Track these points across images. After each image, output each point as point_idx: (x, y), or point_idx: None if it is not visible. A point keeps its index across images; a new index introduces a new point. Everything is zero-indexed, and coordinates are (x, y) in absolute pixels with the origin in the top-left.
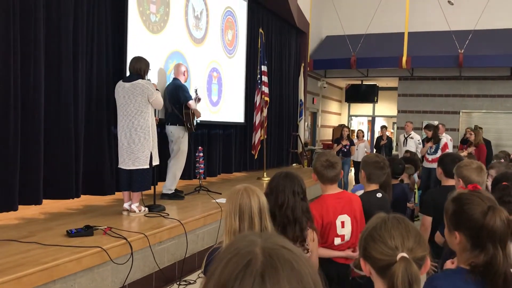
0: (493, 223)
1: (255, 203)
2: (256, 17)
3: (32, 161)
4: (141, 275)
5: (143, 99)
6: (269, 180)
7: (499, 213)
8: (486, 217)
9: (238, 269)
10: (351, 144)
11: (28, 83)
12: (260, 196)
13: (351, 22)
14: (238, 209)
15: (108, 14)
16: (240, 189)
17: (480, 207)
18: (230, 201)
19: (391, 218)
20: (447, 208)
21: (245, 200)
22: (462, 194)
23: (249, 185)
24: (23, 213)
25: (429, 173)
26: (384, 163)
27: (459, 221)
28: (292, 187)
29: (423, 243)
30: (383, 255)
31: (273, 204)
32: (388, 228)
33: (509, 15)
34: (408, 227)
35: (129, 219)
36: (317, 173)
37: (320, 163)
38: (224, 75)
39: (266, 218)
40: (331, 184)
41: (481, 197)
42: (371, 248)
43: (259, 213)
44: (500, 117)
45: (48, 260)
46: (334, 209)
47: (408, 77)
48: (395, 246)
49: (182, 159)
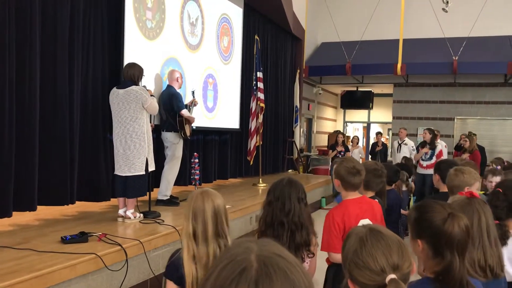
0: (451, 230)
1: (208, 207)
2: (251, 24)
3: (27, 167)
4: (136, 282)
5: (138, 105)
6: (270, 187)
7: (458, 220)
8: (445, 224)
9: (233, 276)
10: (346, 150)
11: (23, 89)
12: (215, 200)
13: (346, 29)
14: (192, 212)
15: (104, 20)
16: (196, 193)
17: (440, 215)
18: (186, 205)
19: (368, 235)
20: (409, 216)
21: (198, 204)
22: (425, 201)
23: (207, 189)
24: (17, 220)
25: (423, 179)
26: (383, 171)
27: (420, 229)
28: (297, 193)
29: (406, 253)
30: (371, 281)
31: (280, 212)
32: (368, 249)
33: (503, 23)
34: (388, 242)
35: (124, 225)
36: (342, 179)
37: (346, 169)
38: (220, 81)
39: (223, 222)
40: (353, 191)
41: (443, 204)
42: (357, 274)
43: (213, 217)
44: (494, 123)
45: (43, 267)
46: (356, 213)
47: (403, 84)
48: (381, 269)
49: (177, 165)
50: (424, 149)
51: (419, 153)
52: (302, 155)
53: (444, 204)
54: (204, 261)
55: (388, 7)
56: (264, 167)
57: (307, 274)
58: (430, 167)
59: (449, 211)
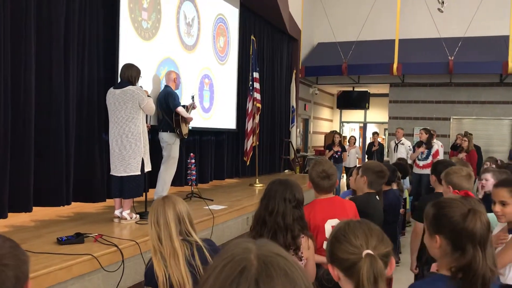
0: (473, 226)
1: (170, 211)
2: (247, 24)
3: (22, 168)
4: (132, 283)
5: (134, 105)
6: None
7: (480, 215)
8: (467, 219)
9: (233, 276)
10: (343, 150)
11: (19, 89)
12: (177, 205)
13: (342, 29)
14: (155, 218)
15: (99, 20)
16: (159, 199)
17: (460, 210)
18: (150, 211)
19: (353, 221)
20: (427, 213)
21: (160, 209)
22: (442, 198)
23: (169, 195)
24: (13, 221)
25: (419, 179)
26: (385, 173)
27: (439, 224)
28: (284, 194)
29: (386, 241)
30: (349, 254)
31: (264, 210)
32: (351, 228)
33: (498, 23)
34: (370, 227)
35: (120, 226)
36: (312, 182)
37: (316, 173)
38: (216, 82)
39: (187, 224)
40: (325, 194)
41: (461, 200)
42: (337, 249)
43: (176, 221)
44: (490, 123)
45: (38, 268)
46: (324, 213)
47: (399, 84)
48: (360, 244)
49: (173, 165)
50: (421, 148)
51: (415, 152)
52: (299, 156)
53: (462, 200)
54: (169, 251)
55: (384, 7)
56: (260, 167)
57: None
58: (426, 167)
59: (469, 206)
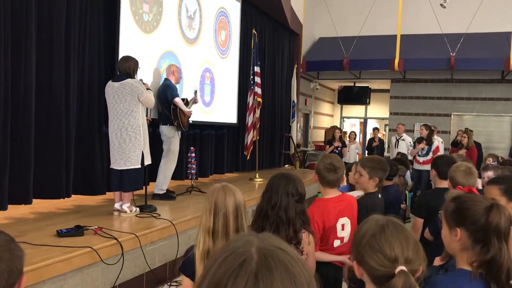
0: (498, 219)
1: (230, 202)
2: (249, 18)
3: (22, 160)
4: (132, 276)
5: (133, 98)
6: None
7: (503, 210)
8: (491, 213)
9: (233, 268)
10: (343, 146)
11: (19, 82)
12: (237, 195)
13: (344, 24)
14: (213, 207)
15: (100, 13)
16: (217, 187)
17: (483, 204)
18: (207, 199)
19: (390, 225)
20: (447, 207)
21: (220, 199)
22: (462, 193)
23: (227, 184)
24: (12, 213)
25: (419, 175)
26: (385, 163)
27: (461, 218)
28: (287, 188)
29: (421, 254)
30: (381, 266)
31: (266, 203)
32: (387, 236)
33: (500, 19)
34: (407, 236)
35: (120, 219)
36: (319, 174)
37: (324, 165)
38: (217, 76)
39: (242, 217)
40: (330, 188)
41: (480, 195)
42: (369, 257)
43: (235, 212)
44: (491, 119)
45: (38, 260)
46: (336, 212)
47: (400, 80)
48: (394, 258)
49: (173, 159)
50: (421, 144)
51: (415, 148)
52: (299, 150)
53: (481, 195)
54: None
55: (386, 3)
56: (260, 162)
57: (307, 268)
58: (426, 163)
59: (491, 201)
